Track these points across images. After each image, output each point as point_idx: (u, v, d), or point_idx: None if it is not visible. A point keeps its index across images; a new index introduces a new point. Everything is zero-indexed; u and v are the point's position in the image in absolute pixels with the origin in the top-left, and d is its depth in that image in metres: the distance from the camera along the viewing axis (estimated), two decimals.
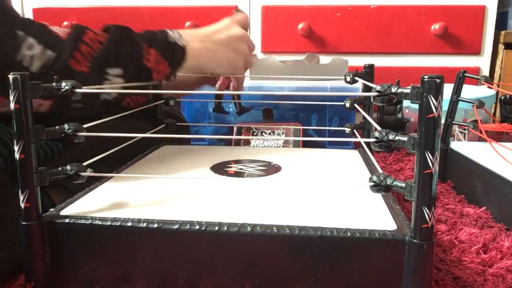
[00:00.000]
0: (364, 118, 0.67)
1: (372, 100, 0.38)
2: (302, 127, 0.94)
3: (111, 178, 0.53)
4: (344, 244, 0.37)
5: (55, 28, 0.56)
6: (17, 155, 0.39)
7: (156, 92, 0.72)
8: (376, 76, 0.69)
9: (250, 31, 1.28)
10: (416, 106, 0.35)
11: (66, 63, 0.53)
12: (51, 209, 0.42)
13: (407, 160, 0.95)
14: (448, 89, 0.69)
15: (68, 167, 0.41)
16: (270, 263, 0.38)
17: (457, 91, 0.75)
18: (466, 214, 0.63)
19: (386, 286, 0.37)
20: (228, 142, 1.00)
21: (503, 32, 1.27)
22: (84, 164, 0.42)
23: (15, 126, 0.38)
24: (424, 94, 0.34)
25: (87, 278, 0.40)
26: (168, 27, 0.68)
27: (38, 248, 0.40)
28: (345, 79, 0.65)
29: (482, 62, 1.26)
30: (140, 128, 0.62)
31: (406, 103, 1.08)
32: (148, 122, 0.69)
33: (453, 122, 0.76)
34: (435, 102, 0.34)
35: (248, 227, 0.38)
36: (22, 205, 0.39)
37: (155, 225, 0.39)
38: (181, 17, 1.26)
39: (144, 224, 0.39)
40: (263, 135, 0.92)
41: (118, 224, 0.39)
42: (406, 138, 0.36)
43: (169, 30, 0.67)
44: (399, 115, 1.06)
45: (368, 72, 0.67)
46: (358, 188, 0.49)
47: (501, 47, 1.28)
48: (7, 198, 0.44)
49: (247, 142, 0.93)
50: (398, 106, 1.07)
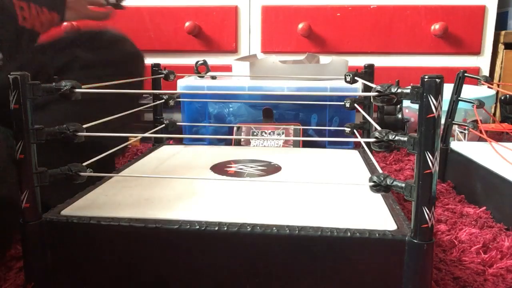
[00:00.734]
0: (364, 118, 0.67)
1: (372, 100, 0.38)
2: (302, 127, 0.94)
3: (111, 178, 0.53)
4: (344, 244, 0.37)
5: None
6: (17, 156, 0.39)
7: (156, 92, 0.72)
8: (376, 76, 0.69)
9: (250, 31, 1.28)
10: (416, 106, 0.35)
11: None
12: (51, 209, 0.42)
13: (407, 160, 0.95)
14: (448, 89, 0.69)
15: (68, 167, 0.41)
16: (270, 263, 0.38)
17: (457, 91, 0.75)
18: (466, 214, 0.63)
19: (386, 285, 0.37)
20: (228, 142, 1.00)
21: (503, 32, 1.27)
22: (84, 164, 0.42)
23: (15, 126, 0.38)
24: (424, 94, 0.34)
25: (87, 278, 0.40)
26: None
27: (38, 248, 0.40)
28: (345, 79, 0.65)
29: (482, 62, 1.26)
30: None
31: (406, 103, 1.08)
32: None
33: (453, 122, 0.76)
34: (435, 102, 0.34)
35: (248, 227, 0.38)
36: (22, 205, 0.39)
37: (155, 225, 0.39)
38: (181, 17, 1.26)
39: (144, 224, 0.39)
40: (263, 135, 0.92)
41: (117, 223, 0.39)
42: (406, 138, 0.36)
43: None
44: (399, 115, 1.06)
45: (368, 72, 0.67)
46: (358, 188, 0.49)
47: (501, 47, 1.28)
48: None
49: (247, 142, 0.93)
50: (398, 106, 1.07)
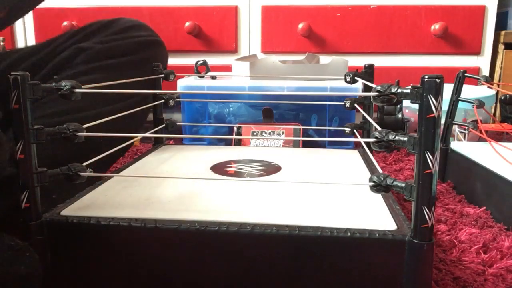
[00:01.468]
0: (364, 118, 0.67)
1: (372, 100, 0.38)
2: (302, 127, 0.94)
3: (111, 178, 0.53)
4: (344, 244, 0.37)
5: None
6: (17, 156, 0.39)
7: (156, 92, 0.72)
8: (376, 76, 0.69)
9: (250, 31, 1.28)
10: (416, 106, 0.35)
11: None
12: (52, 209, 0.42)
13: (407, 160, 0.95)
14: (448, 89, 0.69)
15: (68, 167, 0.41)
16: (270, 262, 0.38)
17: (457, 91, 0.75)
18: (466, 214, 0.63)
19: (386, 286, 0.37)
20: (228, 142, 1.00)
21: (503, 32, 1.27)
22: (85, 164, 0.42)
23: (15, 126, 0.38)
24: (424, 94, 0.34)
25: (87, 278, 0.40)
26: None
27: (38, 248, 0.40)
28: (345, 79, 0.65)
29: (482, 62, 1.26)
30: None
31: (406, 103, 1.08)
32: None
33: (453, 122, 0.76)
34: (435, 102, 0.34)
35: (248, 227, 0.38)
36: (22, 205, 0.39)
37: (155, 225, 0.39)
38: (181, 17, 1.26)
39: (144, 224, 0.39)
40: (263, 135, 0.92)
41: (117, 224, 0.39)
42: (406, 138, 0.36)
43: None
44: (399, 115, 1.06)
45: (368, 72, 0.67)
46: (358, 188, 0.49)
47: (501, 47, 1.28)
48: None
49: (247, 142, 0.93)
50: (398, 106, 1.07)
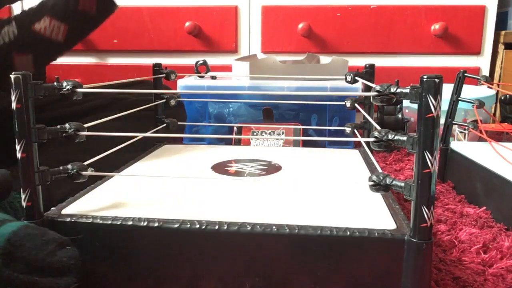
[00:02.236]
0: (364, 118, 0.67)
1: (371, 100, 0.39)
2: (302, 127, 0.95)
3: (112, 177, 0.53)
4: (344, 243, 0.37)
5: None
6: (18, 154, 0.39)
7: (156, 91, 0.72)
8: (376, 76, 0.69)
9: (250, 31, 1.28)
10: (416, 106, 0.35)
11: None
12: (53, 208, 0.43)
13: (407, 160, 0.95)
14: (448, 89, 0.69)
15: (70, 166, 0.42)
16: (270, 262, 0.38)
17: (457, 91, 0.75)
18: (466, 214, 0.63)
19: (385, 284, 0.37)
20: (228, 142, 1.00)
21: (503, 32, 1.27)
22: (85, 163, 0.43)
23: (16, 126, 0.39)
24: (423, 94, 0.34)
25: (88, 276, 0.41)
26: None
27: None
28: (345, 79, 0.66)
29: (482, 62, 1.26)
30: None
31: (406, 103, 1.08)
32: None
33: (453, 122, 0.77)
34: (434, 101, 0.34)
35: (248, 226, 0.38)
36: (24, 204, 0.39)
37: (156, 224, 0.39)
38: (181, 17, 1.27)
39: (145, 223, 0.39)
40: (263, 135, 0.92)
41: (118, 223, 0.39)
42: (405, 138, 0.36)
43: None
44: (399, 115, 1.07)
45: (369, 72, 0.67)
46: (358, 187, 0.49)
47: (501, 47, 1.28)
48: None
49: (247, 142, 0.93)
50: (398, 106, 1.07)
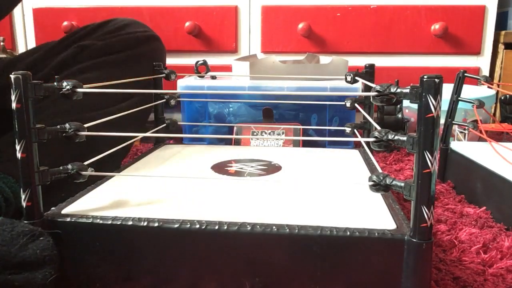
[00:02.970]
0: (364, 118, 0.67)
1: (371, 99, 0.39)
2: (302, 127, 0.95)
3: (112, 177, 0.53)
4: (344, 243, 0.37)
5: None
6: (18, 155, 0.39)
7: (156, 91, 0.72)
8: (376, 76, 0.69)
9: (250, 31, 1.28)
10: (416, 106, 0.35)
11: None
12: (53, 208, 0.43)
13: (407, 160, 0.95)
14: (448, 89, 0.69)
15: (70, 166, 0.42)
16: (270, 262, 0.38)
17: (457, 91, 0.75)
18: (466, 214, 0.63)
19: (385, 285, 0.37)
20: (228, 142, 1.00)
21: (503, 32, 1.27)
22: (86, 163, 0.43)
23: (16, 126, 0.38)
24: (423, 94, 0.34)
25: (88, 277, 0.41)
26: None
27: None
28: (345, 78, 0.66)
29: (482, 62, 1.26)
30: None
31: (406, 103, 1.08)
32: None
33: (453, 122, 0.76)
34: (434, 101, 0.34)
35: (248, 226, 0.38)
36: (24, 204, 0.39)
37: (156, 224, 0.39)
38: (181, 17, 1.27)
39: (145, 223, 0.39)
40: (263, 135, 0.92)
41: (119, 223, 0.39)
42: (405, 138, 0.36)
43: None
44: (399, 115, 1.07)
45: (369, 72, 0.67)
46: (358, 187, 0.49)
47: (501, 47, 1.28)
48: None
49: (247, 142, 0.93)
50: (398, 106, 1.07)
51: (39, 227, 0.37)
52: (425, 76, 0.34)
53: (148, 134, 0.63)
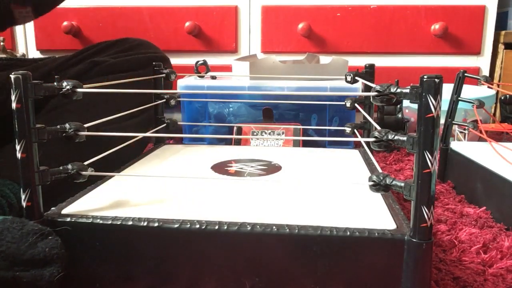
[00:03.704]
0: (364, 118, 0.67)
1: (371, 99, 0.39)
2: (302, 127, 0.95)
3: (111, 177, 0.53)
4: (344, 243, 0.37)
5: None
6: (18, 154, 0.39)
7: (156, 91, 0.72)
8: (376, 76, 0.69)
9: (250, 31, 1.28)
10: (416, 106, 0.35)
11: None
12: (53, 208, 0.43)
13: (407, 160, 0.95)
14: (448, 89, 0.69)
15: (70, 166, 0.42)
16: (270, 262, 0.38)
17: (457, 91, 0.75)
18: (466, 214, 0.63)
19: (385, 285, 0.37)
20: (228, 142, 1.00)
21: (503, 32, 1.27)
22: (86, 163, 0.43)
23: (16, 126, 0.39)
24: (423, 94, 0.34)
25: (88, 277, 0.41)
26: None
27: None
28: (345, 78, 0.66)
29: (482, 62, 1.26)
30: None
31: (406, 103, 1.08)
32: None
33: (453, 122, 0.77)
34: (434, 101, 0.34)
35: (248, 226, 0.38)
36: (24, 204, 0.39)
37: (156, 224, 0.39)
38: (181, 17, 1.26)
39: (145, 223, 0.39)
40: (263, 135, 0.93)
41: (119, 223, 0.39)
42: (405, 138, 0.36)
43: None
44: (399, 115, 1.07)
45: (369, 72, 0.67)
46: (358, 187, 0.49)
47: (501, 47, 1.28)
48: None
49: (247, 142, 0.93)
50: (398, 106, 1.07)
51: (48, 227, 0.37)
52: (425, 76, 0.34)
53: (148, 134, 0.63)
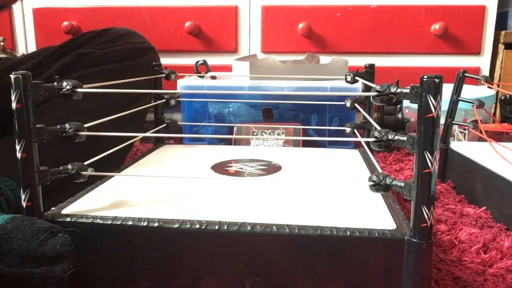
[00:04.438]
0: (364, 118, 0.67)
1: (371, 99, 0.39)
2: (302, 127, 0.95)
3: (111, 177, 0.53)
4: (344, 243, 0.37)
5: None
6: (18, 155, 0.39)
7: (156, 91, 0.72)
8: (376, 76, 0.69)
9: (250, 31, 1.28)
10: (416, 106, 0.35)
11: None
12: (53, 208, 0.43)
13: (407, 160, 0.95)
14: (448, 89, 0.69)
15: (70, 166, 0.42)
16: (269, 262, 0.38)
17: (457, 91, 0.75)
18: (466, 214, 0.63)
19: (385, 285, 0.37)
20: (228, 142, 1.00)
21: (503, 32, 1.27)
22: (86, 163, 0.43)
23: (16, 126, 0.39)
24: (423, 94, 0.34)
25: (88, 277, 0.41)
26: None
27: None
28: (345, 78, 0.66)
29: (482, 62, 1.26)
30: None
31: (406, 103, 1.08)
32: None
33: (453, 122, 0.77)
34: (434, 101, 0.34)
35: (248, 226, 0.38)
36: (24, 203, 0.39)
37: (156, 224, 0.39)
38: (181, 17, 1.27)
39: (145, 223, 0.39)
40: (263, 135, 0.92)
41: (119, 223, 0.39)
42: (405, 138, 0.36)
43: None
44: (399, 115, 1.07)
45: (369, 72, 0.67)
46: (358, 187, 0.49)
47: (501, 47, 1.28)
48: None
49: (247, 142, 0.93)
50: (398, 106, 1.07)
51: (57, 225, 0.38)
52: (425, 76, 0.34)
53: (148, 134, 0.63)
